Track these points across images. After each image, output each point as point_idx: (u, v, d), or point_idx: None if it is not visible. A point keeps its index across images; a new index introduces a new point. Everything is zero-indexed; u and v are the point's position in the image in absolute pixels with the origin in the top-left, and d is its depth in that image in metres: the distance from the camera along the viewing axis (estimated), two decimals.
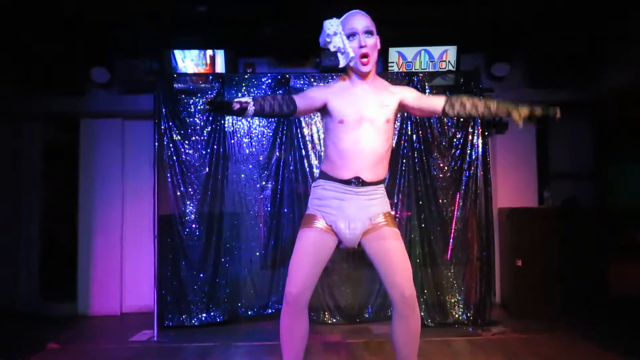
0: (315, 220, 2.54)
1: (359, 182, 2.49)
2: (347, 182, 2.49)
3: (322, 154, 4.48)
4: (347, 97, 2.50)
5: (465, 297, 4.64)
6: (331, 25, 2.43)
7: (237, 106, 2.28)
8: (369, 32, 2.46)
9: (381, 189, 2.60)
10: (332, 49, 2.46)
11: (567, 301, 4.81)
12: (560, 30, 4.84)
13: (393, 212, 4.57)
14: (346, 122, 2.47)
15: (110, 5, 4.36)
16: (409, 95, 2.60)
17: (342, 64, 2.48)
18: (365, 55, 2.45)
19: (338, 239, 2.55)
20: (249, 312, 4.76)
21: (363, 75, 2.51)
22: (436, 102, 2.58)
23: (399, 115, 4.65)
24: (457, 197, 4.69)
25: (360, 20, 2.46)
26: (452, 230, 4.67)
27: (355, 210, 2.50)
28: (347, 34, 2.44)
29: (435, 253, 4.66)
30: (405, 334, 2.48)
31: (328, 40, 2.45)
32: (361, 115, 2.47)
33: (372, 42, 2.47)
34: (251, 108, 2.30)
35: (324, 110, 2.55)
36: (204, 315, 4.64)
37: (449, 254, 4.67)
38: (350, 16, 2.49)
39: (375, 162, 2.51)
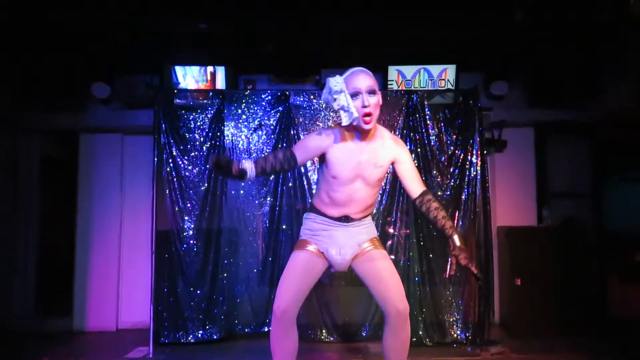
0: (307, 245, 2.69)
1: (348, 220, 2.66)
2: (337, 219, 2.66)
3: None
4: (345, 154, 2.56)
5: (464, 316, 4.60)
6: (337, 84, 2.44)
7: (236, 168, 2.39)
8: (371, 92, 2.48)
9: (368, 219, 2.77)
10: (335, 106, 2.48)
11: (567, 321, 4.78)
12: (559, 50, 4.88)
13: (392, 230, 4.63)
14: (339, 178, 2.57)
15: (112, 21, 4.40)
16: (403, 163, 2.64)
17: (345, 122, 2.48)
18: (368, 115, 2.47)
19: (329, 263, 2.70)
20: (246, 330, 4.72)
21: (364, 133, 2.56)
22: (414, 188, 2.63)
23: (397, 135, 4.70)
24: (456, 215, 4.67)
25: (363, 80, 2.49)
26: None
27: (345, 238, 2.67)
28: (351, 93, 2.46)
29: (434, 271, 4.63)
30: (397, 344, 2.62)
31: (333, 97, 2.46)
32: (356, 174, 2.57)
33: (375, 101, 2.50)
34: (252, 172, 2.42)
35: (321, 157, 2.65)
36: (200, 332, 4.59)
37: (448, 272, 4.64)
38: (353, 75, 2.51)
39: (364, 208, 2.69)
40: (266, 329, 4.64)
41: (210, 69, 5.07)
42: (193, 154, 4.72)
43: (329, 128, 2.68)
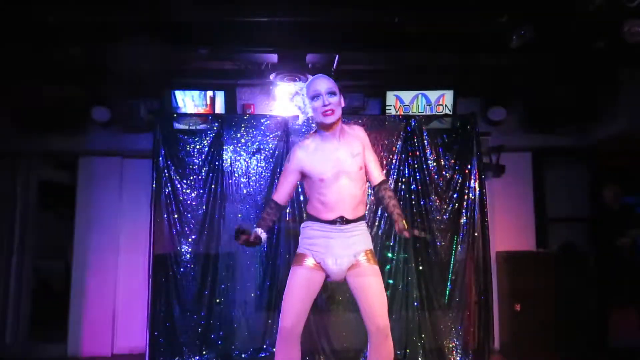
0: (305, 259, 2.78)
1: (343, 220, 2.74)
2: (332, 222, 2.74)
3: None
4: (320, 155, 2.76)
5: (464, 343, 4.56)
6: (295, 87, 2.75)
7: (252, 238, 2.63)
8: (331, 93, 2.71)
9: (362, 225, 2.86)
10: (295, 106, 2.79)
11: (567, 347, 4.73)
12: (557, 76, 4.92)
13: (390, 254, 4.61)
14: (326, 179, 2.72)
15: (112, 47, 4.43)
16: (367, 151, 2.89)
17: (300, 120, 2.81)
18: (329, 111, 2.69)
19: (326, 274, 2.79)
20: (243, 355, 4.64)
21: (328, 128, 2.75)
22: (376, 176, 2.90)
23: (395, 159, 4.72)
24: (455, 240, 4.66)
25: (323, 83, 2.73)
26: (450, 273, 4.63)
27: (341, 247, 2.75)
28: (312, 96, 2.71)
29: (433, 297, 4.60)
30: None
31: (292, 99, 2.80)
32: (338, 170, 2.72)
33: (335, 101, 2.72)
34: (264, 235, 2.71)
35: (302, 175, 2.82)
36: (197, 357, 4.53)
37: (447, 297, 4.61)
38: (314, 80, 2.79)
39: (356, 205, 2.80)
40: (263, 355, 4.58)
41: (209, 93, 5.10)
42: (192, 177, 4.72)
43: (298, 146, 2.85)
